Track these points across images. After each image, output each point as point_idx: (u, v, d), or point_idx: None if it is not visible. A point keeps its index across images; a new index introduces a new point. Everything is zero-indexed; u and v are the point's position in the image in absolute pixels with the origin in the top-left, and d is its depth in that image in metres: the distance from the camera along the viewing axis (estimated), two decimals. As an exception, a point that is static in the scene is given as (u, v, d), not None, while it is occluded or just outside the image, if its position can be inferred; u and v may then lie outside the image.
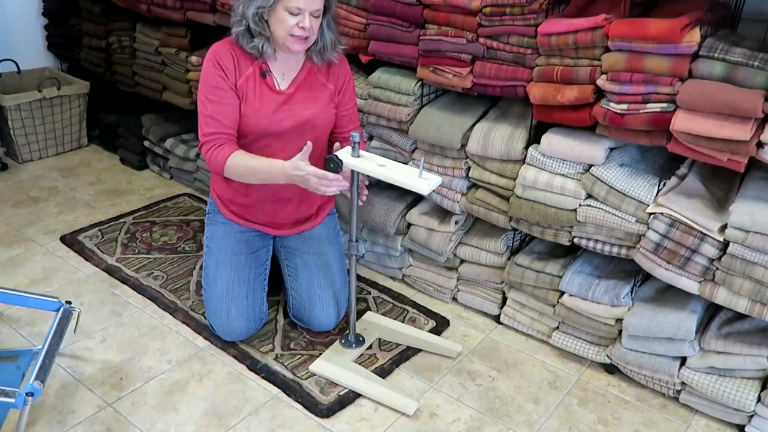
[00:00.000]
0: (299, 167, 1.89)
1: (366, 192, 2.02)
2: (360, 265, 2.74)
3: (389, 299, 2.55)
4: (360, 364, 2.18)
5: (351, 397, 2.06)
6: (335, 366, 2.14)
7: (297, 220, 2.32)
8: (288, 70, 2.10)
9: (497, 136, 2.20)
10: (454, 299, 2.57)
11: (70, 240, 2.83)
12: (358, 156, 1.90)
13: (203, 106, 2.02)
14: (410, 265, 2.62)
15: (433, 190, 2.30)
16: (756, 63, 1.73)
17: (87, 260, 2.69)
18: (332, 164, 1.88)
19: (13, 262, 2.67)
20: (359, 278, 2.64)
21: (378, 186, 2.67)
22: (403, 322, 2.42)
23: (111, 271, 2.63)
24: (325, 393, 2.06)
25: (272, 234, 2.33)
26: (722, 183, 2.03)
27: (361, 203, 2.01)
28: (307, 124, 2.11)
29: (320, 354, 2.21)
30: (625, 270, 2.19)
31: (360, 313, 2.41)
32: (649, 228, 1.94)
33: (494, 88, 2.14)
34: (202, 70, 2.03)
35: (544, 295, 2.26)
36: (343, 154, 1.91)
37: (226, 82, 2.01)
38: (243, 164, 2.00)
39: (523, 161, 2.16)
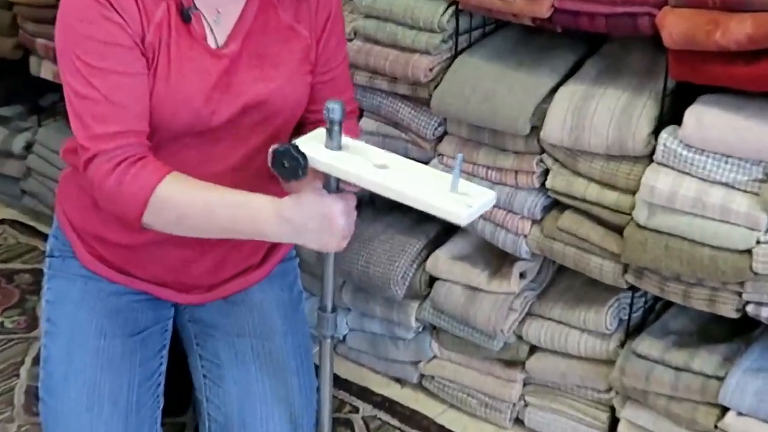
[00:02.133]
0: (317, 200, 1.85)
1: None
2: (340, 356, 2.74)
3: (394, 422, 2.57)
4: None
5: None
6: None
7: (224, 279, 2.35)
8: (226, 9, 2.09)
9: (600, 111, 2.22)
10: (518, 420, 2.59)
11: None
12: (339, 148, 1.87)
13: (80, 83, 1.96)
14: (434, 356, 2.64)
15: (481, 216, 2.24)
16: None
17: None
18: (286, 162, 1.83)
19: None
20: (339, 381, 2.63)
21: (373, 206, 2.68)
22: (420, 465, 2.45)
23: None
24: None
25: (175, 301, 2.34)
26: None
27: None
28: (262, 110, 2.12)
29: None
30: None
31: (339, 449, 2.42)
32: None
33: (593, 18, 2.18)
34: (63, 7, 1.99)
35: (690, 413, 2.26)
36: (310, 142, 1.88)
37: (126, 32, 1.98)
38: (193, 200, 1.96)
39: (649, 158, 2.18)
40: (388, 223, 2.65)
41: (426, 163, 2.39)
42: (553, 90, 2.31)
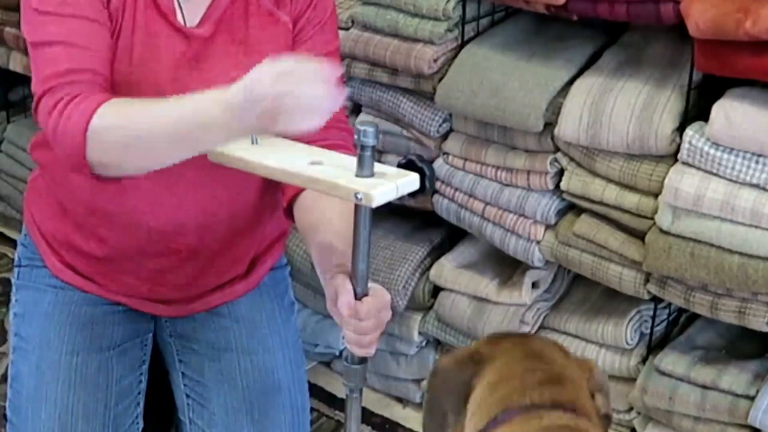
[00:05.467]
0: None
1: None
2: (336, 373, 2.75)
3: (396, 445, 2.54)
4: None
5: None
6: None
7: (205, 290, 2.32)
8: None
9: (620, 106, 2.23)
10: (531, 444, 2.57)
11: None
12: (371, 175, 1.76)
13: (37, 32, 1.94)
14: (439, 372, 2.65)
15: (490, 221, 2.28)
16: None
17: None
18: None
19: None
20: (334, 401, 2.65)
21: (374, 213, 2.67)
22: (424, 492, 2.42)
23: None
24: None
25: (153, 313, 2.33)
26: None
27: None
28: None
29: None
30: None
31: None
32: None
33: (613, 5, 2.19)
34: None
35: (718, 436, 2.25)
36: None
37: None
38: (134, 116, 1.87)
39: (673, 157, 2.19)
40: (387, 229, 2.65)
41: (431, 161, 2.45)
42: (569, 83, 2.32)
